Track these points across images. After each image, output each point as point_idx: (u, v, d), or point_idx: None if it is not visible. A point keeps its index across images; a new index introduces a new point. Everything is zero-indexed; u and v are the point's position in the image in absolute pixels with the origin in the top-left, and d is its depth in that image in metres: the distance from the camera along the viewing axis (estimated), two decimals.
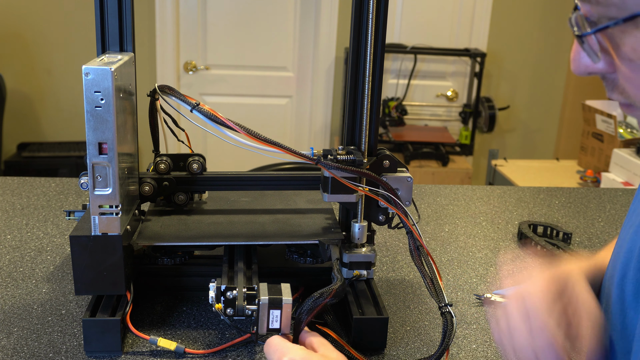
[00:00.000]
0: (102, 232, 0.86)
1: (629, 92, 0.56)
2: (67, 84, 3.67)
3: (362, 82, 0.97)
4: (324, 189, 0.96)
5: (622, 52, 0.54)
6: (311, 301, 0.84)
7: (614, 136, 2.99)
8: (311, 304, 0.84)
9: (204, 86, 3.76)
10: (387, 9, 0.94)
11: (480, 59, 3.60)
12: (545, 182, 3.08)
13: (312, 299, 0.84)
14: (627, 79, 0.55)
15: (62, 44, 3.60)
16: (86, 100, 0.81)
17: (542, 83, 3.94)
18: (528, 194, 1.67)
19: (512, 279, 0.78)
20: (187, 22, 3.65)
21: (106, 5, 0.94)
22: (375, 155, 0.99)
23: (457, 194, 1.64)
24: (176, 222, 1.03)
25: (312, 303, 0.84)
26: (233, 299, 0.85)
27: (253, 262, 0.99)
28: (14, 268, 1.13)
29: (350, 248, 0.99)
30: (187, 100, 0.91)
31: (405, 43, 3.66)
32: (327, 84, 3.77)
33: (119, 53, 0.94)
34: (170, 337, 0.94)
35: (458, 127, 3.81)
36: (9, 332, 0.93)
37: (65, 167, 3.51)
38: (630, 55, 0.53)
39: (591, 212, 1.55)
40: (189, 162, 1.03)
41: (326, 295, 0.84)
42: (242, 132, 0.88)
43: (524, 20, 3.80)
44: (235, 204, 1.12)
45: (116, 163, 0.84)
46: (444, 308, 0.87)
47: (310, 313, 0.84)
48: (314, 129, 3.87)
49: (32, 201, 1.45)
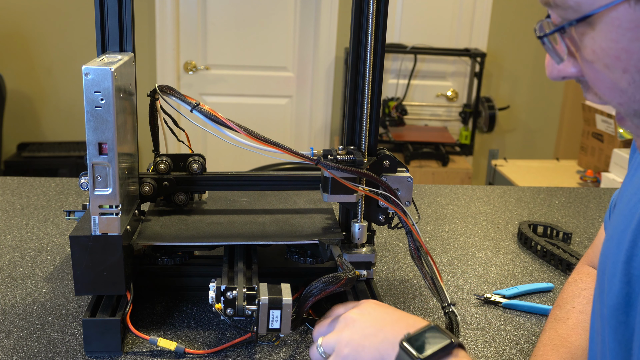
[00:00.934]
0: (102, 232, 0.86)
1: (600, 94, 0.57)
2: (67, 84, 3.67)
3: (362, 82, 0.97)
4: (324, 189, 0.96)
5: (583, 55, 0.55)
6: (321, 284, 0.84)
7: (614, 136, 2.99)
8: (322, 286, 0.84)
9: (204, 86, 3.76)
10: (387, 9, 0.94)
11: (480, 59, 3.60)
12: (545, 182, 3.08)
13: (323, 282, 0.84)
14: (593, 81, 0.56)
15: (62, 44, 3.60)
16: (86, 100, 0.81)
17: (542, 83, 3.94)
18: (528, 194, 1.67)
19: None
20: (187, 22, 3.65)
21: (106, 5, 0.94)
22: (375, 155, 0.99)
23: (457, 194, 1.64)
24: (176, 222, 1.03)
25: (322, 286, 0.84)
26: (233, 299, 0.85)
27: (253, 262, 0.99)
28: (14, 268, 1.13)
29: (350, 248, 0.99)
30: (187, 101, 0.91)
31: (405, 43, 3.65)
32: (327, 84, 3.77)
33: (119, 53, 0.94)
34: (170, 337, 0.94)
35: (458, 127, 3.81)
36: (9, 332, 0.93)
37: (65, 167, 3.50)
38: (590, 57, 0.54)
39: (591, 212, 1.55)
40: (189, 162, 1.03)
41: (337, 282, 0.84)
42: (242, 132, 0.88)
43: (524, 20, 3.80)
44: (235, 204, 1.12)
45: (116, 163, 0.84)
46: (447, 308, 0.87)
47: (318, 295, 0.84)
48: (314, 129, 3.86)
49: (32, 201, 1.45)
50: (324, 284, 0.83)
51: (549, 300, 1.11)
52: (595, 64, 0.54)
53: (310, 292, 0.84)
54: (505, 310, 1.07)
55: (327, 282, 0.83)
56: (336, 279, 0.84)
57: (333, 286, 0.84)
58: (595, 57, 0.54)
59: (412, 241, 0.91)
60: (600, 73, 0.54)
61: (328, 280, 0.83)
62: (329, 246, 0.97)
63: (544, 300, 1.11)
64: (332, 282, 0.83)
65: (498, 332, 1.00)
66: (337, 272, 0.85)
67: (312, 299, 0.84)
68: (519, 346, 0.97)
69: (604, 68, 0.54)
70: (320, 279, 0.84)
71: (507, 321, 1.04)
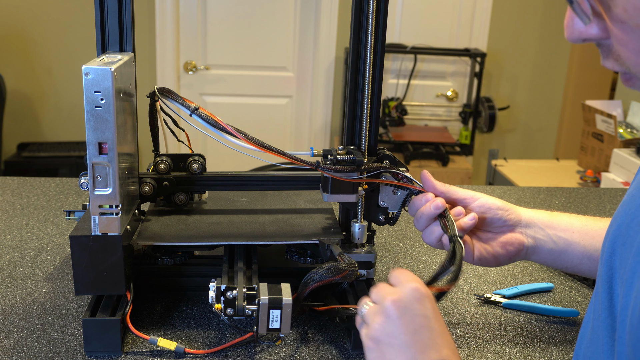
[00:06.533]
0: (102, 232, 0.86)
1: (624, 58, 0.56)
2: (67, 84, 3.67)
3: (362, 82, 0.97)
4: (324, 189, 0.96)
5: (613, 14, 0.54)
6: (322, 271, 0.84)
7: (614, 136, 2.99)
8: (322, 273, 0.84)
9: (204, 86, 3.76)
10: (387, 9, 0.94)
11: (480, 59, 3.60)
12: (545, 182, 3.08)
13: (324, 270, 0.84)
14: (620, 42, 0.55)
15: (62, 44, 3.60)
16: (86, 100, 0.81)
17: (542, 83, 3.94)
18: (528, 194, 1.67)
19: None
20: (187, 22, 3.65)
21: (106, 5, 0.94)
22: (375, 155, 0.99)
23: None
24: (176, 222, 1.03)
25: (322, 273, 0.84)
26: (233, 299, 0.85)
27: (253, 262, 0.99)
28: (14, 268, 1.13)
29: (350, 248, 0.99)
30: (187, 104, 0.91)
31: (405, 43, 3.65)
32: (327, 84, 3.77)
33: (119, 53, 0.94)
34: (170, 337, 0.94)
35: (458, 127, 3.81)
36: (9, 332, 0.93)
37: (65, 167, 3.51)
38: (622, 16, 0.53)
39: (591, 212, 1.55)
40: (189, 162, 1.03)
41: (339, 273, 0.84)
42: (241, 137, 0.88)
43: (524, 20, 3.80)
44: (235, 204, 1.12)
45: (116, 163, 0.84)
46: (454, 238, 0.86)
47: (318, 282, 0.84)
48: (314, 129, 3.86)
49: (32, 201, 1.45)
50: (325, 271, 0.84)
51: (549, 300, 1.11)
52: (627, 23, 0.53)
53: (309, 281, 0.84)
54: (505, 310, 1.07)
55: (328, 269, 0.84)
56: (338, 269, 0.84)
57: (335, 275, 0.84)
58: (627, 16, 0.53)
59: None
60: (631, 33, 0.53)
61: (329, 268, 0.84)
62: (329, 246, 0.97)
63: (544, 300, 1.11)
64: (334, 271, 0.84)
65: (498, 332, 1.00)
66: (339, 263, 0.85)
67: (313, 284, 0.84)
68: (519, 346, 0.97)
69: (637, 27, 0.53)
70: (322, 265, 0.85)
71: (507, 321, 1.04)
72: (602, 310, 0.64)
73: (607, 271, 0.63)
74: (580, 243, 0.91)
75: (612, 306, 0.62)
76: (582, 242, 0.91)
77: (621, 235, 0.62)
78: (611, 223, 0.67)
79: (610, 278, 0.63)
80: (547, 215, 0.94)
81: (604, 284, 0.64)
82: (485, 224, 0.92)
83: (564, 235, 0.91)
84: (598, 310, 0.65)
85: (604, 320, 0.63)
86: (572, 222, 0.93)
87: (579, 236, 0.91)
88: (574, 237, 0.91)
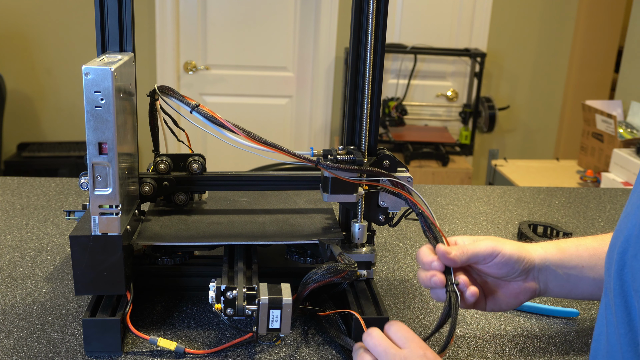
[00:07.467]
0: (102, 232, 0.86)
1: None
2: (67, 84, 3.67)
3: (362, 82, 0.97)
4: (324, 189, 0.96)
5: None
6: (322, 271, 0.84)
7: (614, 136, 2.99)
8: (321, 274, 0.84)
9: (204, 86, 3.76)
10: (387, 9, 0.94)
11: (480, 59, 3.60)
12: (545, 182, 3.08)
13: (324, 270, 0.84)
14: None
15: (62, 44, 3.61)
16: (86, 100, 0.81)
17: (542, 83, 3.94)
18: (528, 194, 1.67)
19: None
20: (187, 22, 3.65)
21: (106, 5, 0.94)
22: (375, 155, 0.99)
23: (457, 194, 1.64)
24: (176, 222, 1.03)
25: (322, 273, 0.84)
26: (233, 299, 0.85)
27: (253, 262, 0.99)
28: (14, 268, 1.13)
29: (350, 248, 0.99)
30: (187, 102, 0.91)
31: (405, 43, 3.66)
32: (327, 84, 3.77)
33: (119, 53, 0.94)
34: (170, 337, 0.94)
35: (458, 127, 3.81)
36: (9, 332, 0.93)
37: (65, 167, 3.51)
38: None
39: (591, 212, 1.55)
40: (189, 162, 1.03)
41: (338, 273, 0.84)
42: (241, 134, 0.88)
43: (524, 20, 3.80)
44: (235, 204, 1.12)
45: (116, 163, 0.84)
46: (450, 287, 0.85)
47: (318, 282, 0.84)
48: (314, 129, 3.86)
49: (32, 201, 1.45)
50: (325, 271, 0.84)
51: (549, 300, 1.11)
52: None
53: (311, 278, 0.84)
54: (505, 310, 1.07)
55: (328, 269, 0.84)
56: (337, 269, 0.84)
57: (334, 275, 0.84)
58: None
59: (425, 222, 0.90)
60: None
61: (329, 268, 0.84)
62: (329, 246, 0.97)
63: (544, 300, 1.11)
64: (334, 271, 0.84)
65: (498, 332, 1.00)
66: (339, 263, 0.85)
67: (312, 284, 0.84)
68: (519, 346, 0.97)
69: None
70: (321, 265, 0.85)
71: (507, 321, 1.04)
72: (619, 324, 0.64)
73: (618, 285, 0.63)
74: (590, 276, 0.91)
75: (630, 320, 0.62)
76: (592, 275, 0.91)
77: (631, 247, 0.62)
78: (616, 235, 0.67)
79: (624, 292, 0.63)
80: (557, 252, 0.92)
81: (616, 298, 0.64)
82: (500, 275, 0.89)
83: (574, 272, 0.91)
84: (613, 324, 0.65)
85: (624, 334, 0.63)
86: (580, 255, 0.92)
87: (589, 269, 0.91)
88: (584, 272, 0.91)
